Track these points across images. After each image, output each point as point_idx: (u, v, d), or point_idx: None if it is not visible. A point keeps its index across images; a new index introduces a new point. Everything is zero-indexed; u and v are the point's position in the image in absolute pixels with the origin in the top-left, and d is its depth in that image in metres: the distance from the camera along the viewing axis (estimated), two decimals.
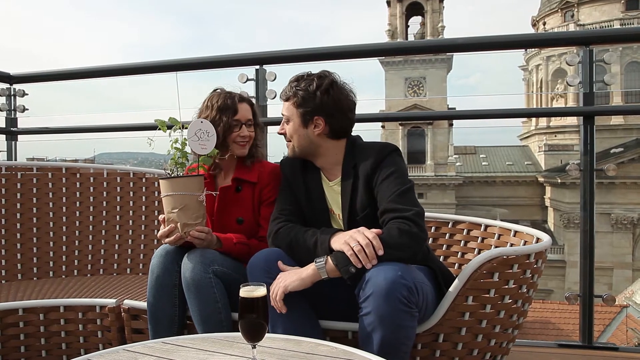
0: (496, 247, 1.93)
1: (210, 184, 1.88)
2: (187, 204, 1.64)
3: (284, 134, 1.73)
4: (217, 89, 1.92)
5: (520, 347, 2.34)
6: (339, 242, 1.44)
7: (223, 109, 1.82)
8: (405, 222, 1.45)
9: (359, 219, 1.61)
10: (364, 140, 1.74)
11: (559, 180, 27.36)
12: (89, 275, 2.46)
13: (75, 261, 2.47)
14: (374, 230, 1.43)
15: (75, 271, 2.46)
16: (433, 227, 2.14)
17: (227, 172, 1.92)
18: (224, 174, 1.92)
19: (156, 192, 2.53)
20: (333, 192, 1.71)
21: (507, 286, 1.52)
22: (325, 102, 1.64)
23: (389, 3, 34.16)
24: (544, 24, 35.54)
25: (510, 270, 1.51)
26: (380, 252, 1.38)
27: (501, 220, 2.04)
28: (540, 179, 30.85)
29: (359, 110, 1.76)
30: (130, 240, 2.52)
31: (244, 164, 1.88)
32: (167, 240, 1.68)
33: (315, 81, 1.64)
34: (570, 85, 2.42)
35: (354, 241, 1.40)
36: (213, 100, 1.85)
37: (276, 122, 2.79)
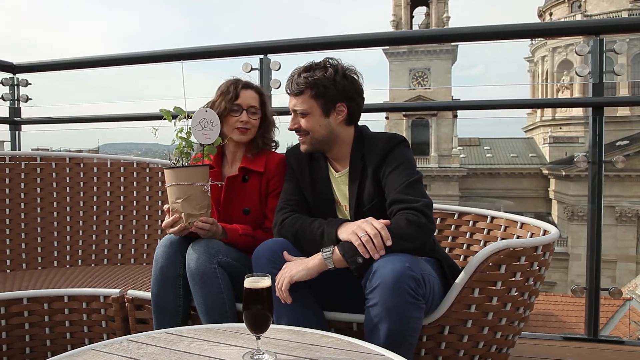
0: (502, 239, 1.91)
1: (217, 174, 1.87)
2: (192, 194, 1.63)
3: (297, 129, 1.67)
4: (233, 77, 1.93)
5: (525, 339, 2.33)
6: (346, 232, 1.43)
7: (225, 93, 1.85)
8: (414, 213, 1.43)
9: (365, 210, 1.59)
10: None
11: (563, 173, 27.27)
12: (93, 265, 2.46)
13: (80, 251, 2.47)
14: (382, 220, 1.41)
15: (80, 261, 2.46)
16: (438, 219, 2.12)
17: (234, 162, 1.91)
18: (231, 163, 1.91)
19: (160, 182, 2.52)
20: (340, 182, 1.70)
21: (514, 278, 1.51)
22: (346, 87, 1.62)
23: None
24: (551, 14, 35.22)
25: (518, 263, 1.49)
26: (389, 243, 1.36)
27: (505, 212, 2.01)
28: (545, 171, 30.75)
29: None
30: (134, 230, 2.51)
31: (250, 153, 1.86)
32: (171, 230, 1.66)
33: (330, 68, 1.61)
34: (580, 76, 2.39)
35: (361, 231, 1.38)
36: (221, 85, 1.88)
37: (281, 112, 2.77)
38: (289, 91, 1.68)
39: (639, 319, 13.77)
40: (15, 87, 3.31)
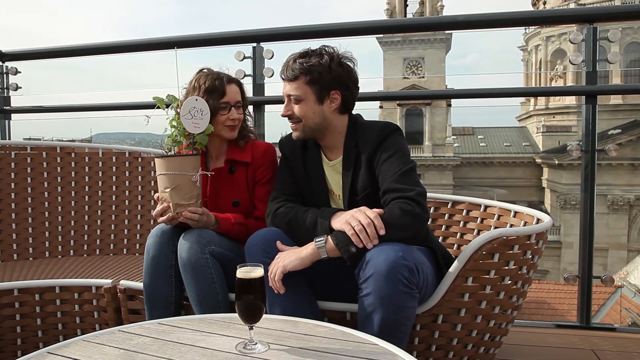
0: (496, 227, 1.92)
1: (201, 167, 1.84)
2: (180, 183, 1.62)
3: (290, 116, 1.65)
4: (203, 69, 1.83)
5: (518, 327, 2.35)
6: (339, 221, 1.42)
7: (211, 91, 1.75)
8: (408, 202, 1.42)
9: (359, 199, 1.58)
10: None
11: (556, 162, 27.39)
12: (85, 255, 2.44)
13: (71, 241, 2.45)
14: (375, 209, 1.40)
15: (71, 251, 2.44)
16: (432, 208, 2.12)
17: (219, 155, 1.87)
18: (215, 156, 1.87)
19: (152, 172, 2.50)
20: (333, 172, 1.68)
21: (507, 267, 1.51)
22: (341, 75, 1.60)
23: None
24: (544, 3, 35.11)
25: (511, 251, 1.50)
26: (382, 232, 1.36)
27: (499, 201, 2.02)
28: (538, 160, 30.86)
29: None
30: (126, 220, 2.49)
31: (236, 145, 1.84)
32: (161, 219, 1.65)
33: (326, 55, 1.59)
34: (573, 64, 2.38)
35: (355, 220, 1.37)
36: (200, 80, 1.78)
37: (274, 100, 2.75)
38: (283, 77, 1.65)
39: (630, 305, 13.93)
40: (4, 75, 3.26)
